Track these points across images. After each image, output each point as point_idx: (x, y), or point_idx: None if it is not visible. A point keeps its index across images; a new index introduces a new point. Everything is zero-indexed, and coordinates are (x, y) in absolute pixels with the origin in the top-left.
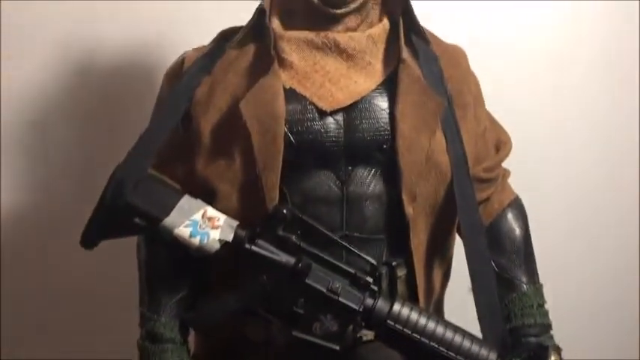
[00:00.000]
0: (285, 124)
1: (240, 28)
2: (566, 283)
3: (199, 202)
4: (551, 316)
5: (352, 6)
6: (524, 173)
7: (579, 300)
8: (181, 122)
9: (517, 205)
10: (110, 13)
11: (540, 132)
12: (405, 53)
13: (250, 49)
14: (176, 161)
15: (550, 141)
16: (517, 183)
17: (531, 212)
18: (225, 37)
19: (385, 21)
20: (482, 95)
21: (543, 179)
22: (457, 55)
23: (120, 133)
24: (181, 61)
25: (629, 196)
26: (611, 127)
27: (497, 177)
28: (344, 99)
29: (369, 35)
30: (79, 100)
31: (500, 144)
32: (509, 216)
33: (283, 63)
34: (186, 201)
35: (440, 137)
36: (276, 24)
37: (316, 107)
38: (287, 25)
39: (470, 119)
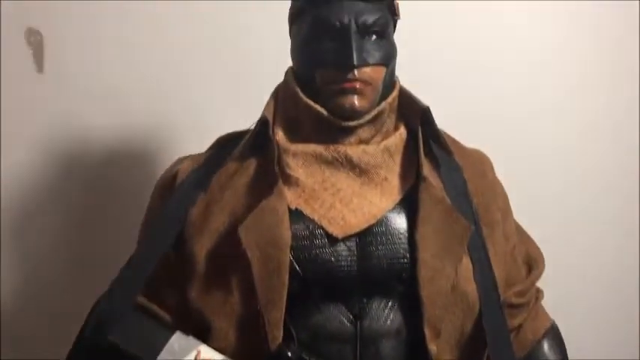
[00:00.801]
0: (290, 252)
1: (239, 133)
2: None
3: (192, 340)
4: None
5: (366, 117)
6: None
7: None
8: (174, 245)
9: (553, 334)
10: (101, 105)
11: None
12: (426, 169)
13: (251, 164)
14: (167, 288)
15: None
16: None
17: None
18: (223, 144)
19: (402, 129)
20: (510, 206)
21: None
22: (482, 164)
23: (113, 225)
24: (174, 174)
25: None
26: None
27: (529, 301)
28: (357, 223)
29: (384, 147)
30: (71, 189)
31: (532, 261)
32: (546, 347)
33: (288, 180)
34: (177, 339)
35: (466, 264)
36: (280, 136)
37: (326, 232)
38: (292, 137)
39: (498, 238)
